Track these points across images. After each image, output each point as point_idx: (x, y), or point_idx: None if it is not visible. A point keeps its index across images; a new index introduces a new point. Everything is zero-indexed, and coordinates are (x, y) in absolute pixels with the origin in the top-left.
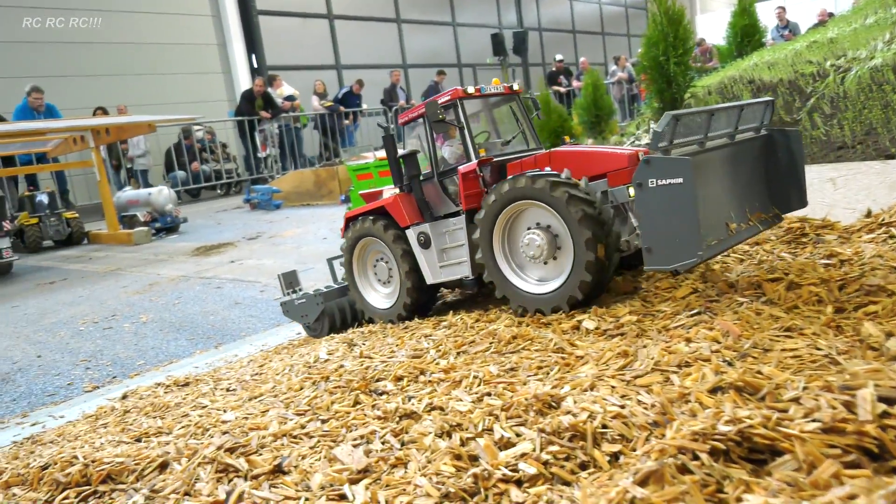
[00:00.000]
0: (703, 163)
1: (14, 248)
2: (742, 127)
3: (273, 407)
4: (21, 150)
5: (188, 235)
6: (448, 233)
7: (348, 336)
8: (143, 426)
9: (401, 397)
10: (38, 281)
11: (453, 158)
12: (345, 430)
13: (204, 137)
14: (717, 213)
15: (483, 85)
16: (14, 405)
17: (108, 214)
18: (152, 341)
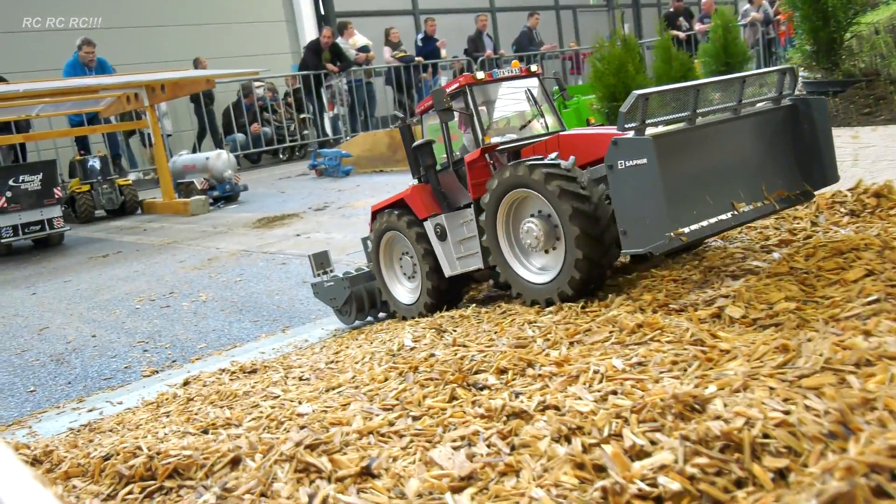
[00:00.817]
0: (687, 140)
1: (65, 217)
2: (753, 99)
3: (355, 400)
4: (71, 111)
5: (249, 205)
6: (465, 223)
7: (435, 321)
8: (209, 416)
9: (506, 393)
10: (91, 254)
11: (472, 145)
12: (441, 429)
13: (265, 95)
14: (714, 191)
15: (496, 70)
16: (69, 389)
17: (162, 181)
18: (213, 322)
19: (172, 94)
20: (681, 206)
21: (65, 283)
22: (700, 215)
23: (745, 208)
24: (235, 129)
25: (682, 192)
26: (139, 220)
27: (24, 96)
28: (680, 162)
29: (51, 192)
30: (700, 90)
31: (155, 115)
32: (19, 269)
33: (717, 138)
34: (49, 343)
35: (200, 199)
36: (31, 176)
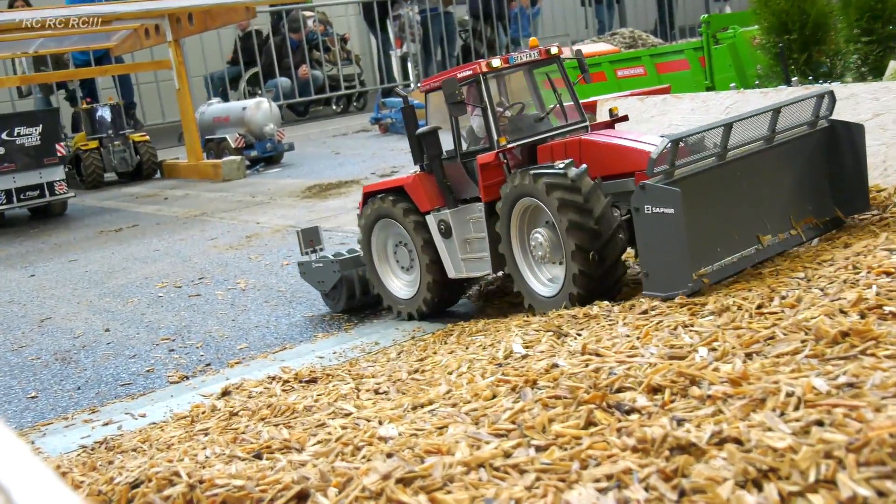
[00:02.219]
0: (716, 178)
1: (68, 181)
2: (788, 126)
3: (454, 422)
4: (76, 47)
5: (295, 169)
6: (472, 220)
7: (552, 321)
8: (261, 436)
9: (665, 419)
10: (101, 227)
11: (482, 132)
12: (577, 464)
13: (315, 29)
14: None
15: (513, 54)
16: (79, 395)
17: (188, 138)
18: (256, 317)
19: (203, 26)
20: (705, 246)
21: (69, 262)
22: (724, 252)
23: (770, 241)
24: (278, 71)
25: (707, 233)
26: (158, 185)
27: (24, 28)
28: (707, 203)
29: (52, 148)
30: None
31: (180, 54)
32: (13, 245)
33: (747, 170)
34: (52, 337)
35: (235, 161)
36: (28, 128)
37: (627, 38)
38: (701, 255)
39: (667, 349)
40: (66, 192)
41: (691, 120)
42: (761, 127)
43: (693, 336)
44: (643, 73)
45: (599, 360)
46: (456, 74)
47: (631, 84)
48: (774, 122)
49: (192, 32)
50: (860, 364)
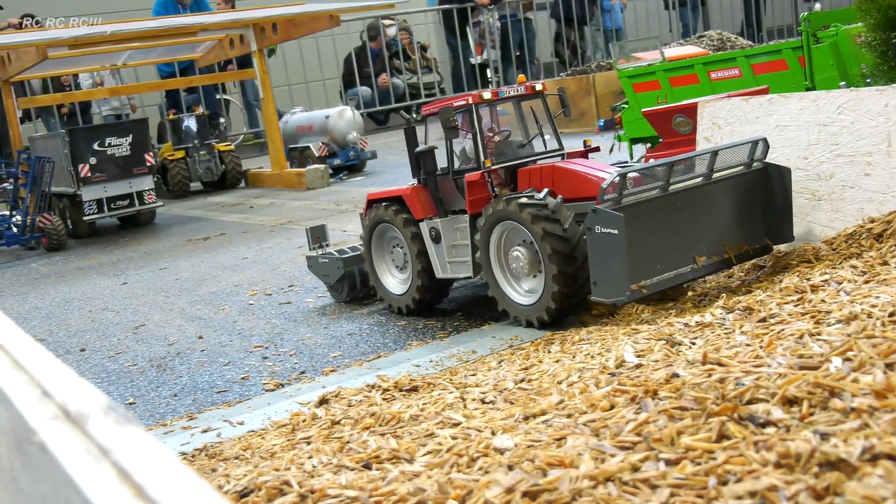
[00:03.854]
0: (659, 206)
1: (156, 190)
2: (724, 166)
3: (573, 433)
4: (163, 58)
5: (377, 177)
6: (458, 229)
7: (662, 330)
8: (368, 446)
9: (808, 433)
10: (189, 236)
11: (472, 153)
12: (714, 479)
13: (397, 37)
14: (679, 247)
15: (502, 88)
16: (176, 402)
17: (271, 147)
18: (348, 324)
19: (286, 35)
20: (646, 262)
21: (160, 270)
22: (662, 268)
23: (704, 262)
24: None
25: (648, 251)
26: (243, 194)
27: (110, 40)
28: (649, 225)
29: (142, 158)
30: (673, 166)
31: (264, 63)
32: (105, 254)
33: (687, 201)
34: (147, 344)
35: (319, 170)
36: (118, 139)
37: (716, 40)
38: (641, 270)
39: (796, 359)
40: (155, 201)
41: (799, 121)
42: (702, 165)
43: (823, 345)
44: (738, 75)
45: (723, 370)
46: (451, 104)
47: (726, 86)
48: (713, 162)
49: (276, 42)
50: None
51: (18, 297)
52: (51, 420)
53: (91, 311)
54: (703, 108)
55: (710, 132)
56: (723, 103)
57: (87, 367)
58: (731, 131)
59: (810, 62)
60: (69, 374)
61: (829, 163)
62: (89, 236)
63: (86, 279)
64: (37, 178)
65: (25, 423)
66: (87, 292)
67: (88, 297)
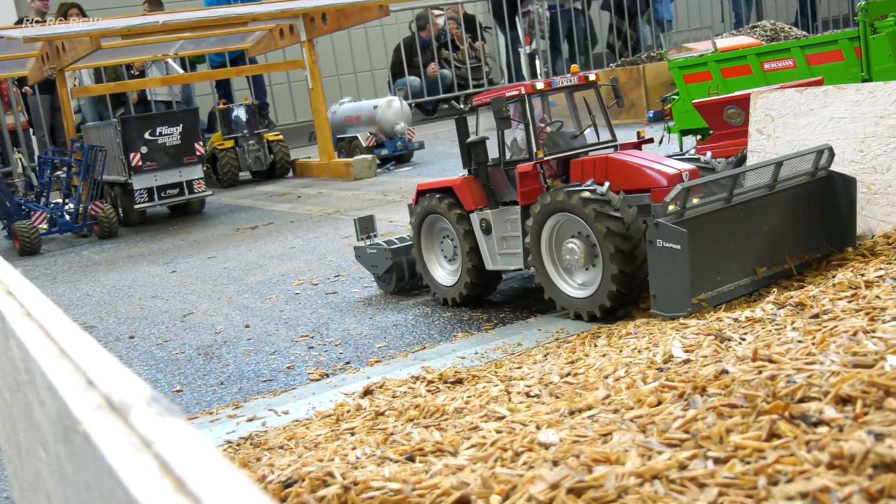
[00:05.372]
0: (721, 218)
1: (205, 179)
2: (789, 175)
3: (619, 429)
4: (214, 48)
5: (425, 167)
6: (510, 221)
7: (711, 325)
8: (412, 438)
9: (862, 433)
10: (238, 225)
11: (524, 144)
12: (764, 479)
13: (446, 27)
14: (739, 258)
15: (555, 78)
16: (222, 390)
17: (320, 137)
18: (393, 315)
19: (336, 25)
20: (706, 274)
21: (208, 259)
22: (723, 280)
23: (765, 272)
24: (407, 70)
25: (708, 263)
26: (291, 184)
27: (162, 30)
28: (711, 239)
29: (192, 148)
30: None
31: (313, 53)
32: (155, 242)
33: (750, 212)
34: (195, 332)
35: (366, 160)
36: (170, 128)
37: (769, 30)
38: (701, 283)
39: (850, 357)
40: (204, 190)
41: (856, 113)
42: (766, 175)
43: (878, 343)
44: (792, 66)
45: (774, 366)
46: (504, 93)
47: (779, 77)
48: (777, 172)
49: (325, 32)
50: None
51: (70, 284)
52: (95, 410)
53: (140, 299)
54: (756, 99)
55: (763, 124)
56: (776, 95)
57: (135, 354)
58: (785, 123)
59: (867, 53)
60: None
61: (885, 156)
62: (140, 224)
63: (136, 267)
64: (89, 167)
65: (70, 413)
66: (137, 280)
67: (138, 285)
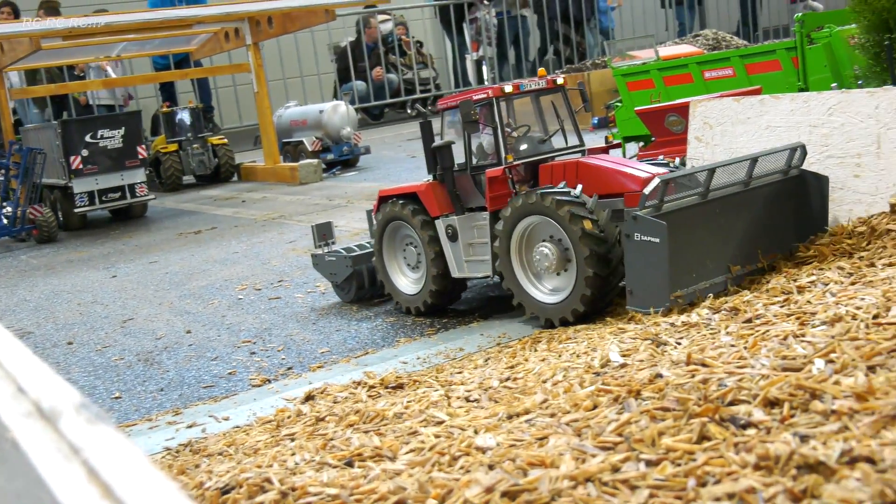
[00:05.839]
0: (697, 214)
1: (148, 183)
2: (763, 173)
3: (555, 433)
4: (158, 51)
5: (371, 172)
6: (476, 227)
7: (648, 330)
8: (351, 443)
9: (788, 435)
10: (180, 229)
11: (491, 149)
12: (693, 480)
13: (393, 32)
14: (714, 255)
15: (524, 81)
16: (162, 397)
17: (265, 141)
18: (336, 320)
19: (282, 28)
20: (682, 272)
21: (150, 264)
22: (698, 277)
23: (738, 271)
24: (353, 75)
25: (685, 259)
26: (236, 188)
27: (105, 31)
28: (688, 234)
29: (134, 151)
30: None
31: (259, 56)
32: (96, 246)
33: (724, 208)
34: (135, 338)
35: (312, 164)
36: (111, 131)
37: (711, 39)
38: (678, 280)
39: (779, 360)
40: (147, 194)
41: (790, 122)
42: (741, 172)
43: (806, 347)
44: (732, 75)
45: (707, 370)
46: (471, 96)
47: (719, 86)
48: (752, 169)
49: (271, 35)
50: None
51: (7, 289)
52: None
53: (80, 304)
54: (695, 107)
55: (702, 132)
56: (714, 103)
57: (73, 360)
58: (723, 131)
59: (804, 63)
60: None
61: (818, 164)
62: (80, 229)
63: (75, 272)
64: (28, 170)
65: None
66: (77, 285)
67: (78, 290)
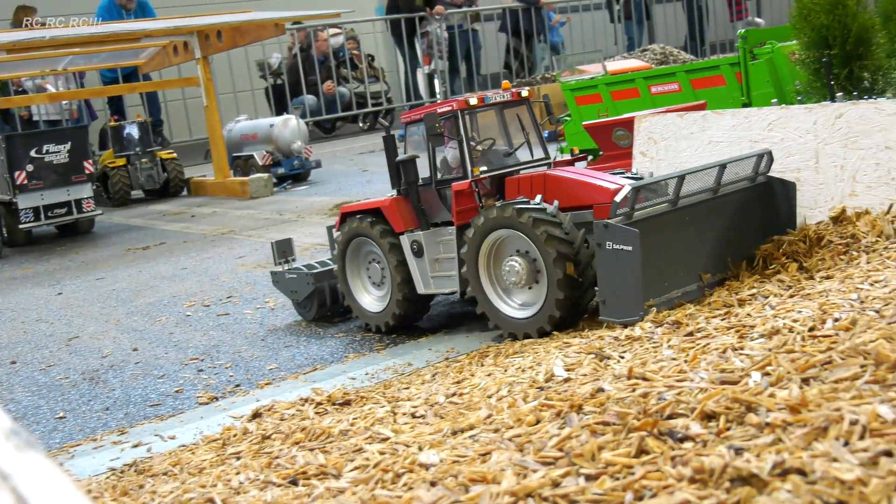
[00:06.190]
0: (668, 222)
1: (95, 198)
2: (731, 180)
3: (498, 448)
4: (105, 64)
5: (322, 186)
6: (442, 242)
7: (593, 344)
8: (296, 461)
9: (723, 448)
10: (128, 245)
11: (455, 163)
12: (631, 494)
13: (344, 46)
14: (685, 264)
15: (488, 94)
16: (108, 416)
17: (215, 155)
18: (285, 336)
19: (231, 42)
20: (655, 281)
21: (97, 280)
22: (670, 286)
23: (710, 279)
24: (305, 88)
25: (657, 269)
26: (186, 203)
27: (51, 45)
28: (659, 242)
29: (80, 166)
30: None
31: (208, 72)
32: (41, 263)
33: (694, 216)
34: (80, 357)
35: (263, 179)
36: (57, 146)
37: (658, 54)
38: (651, 289)
39: (718, 373)
40: (94, 209)
41: (732, 137)
42: (710, 179)
43: (744, 360)
44: (678, 90)
45: (647, 384)
46: (436, 109)
47: (665, 100)
48: (720, 175)
49: (220, 49)
50: None
51: None
52: None
53: (24, 323)
54: (640, 122)
55: (647, 146)
56: (658, 118)
57: (17, 380)
58: (667, 146)
59: (747, 78)
60: None
61: None
62: (25, 245)
63: (20, 289)
64: None
65: None
66: (21, 303)
67: (22, 308)
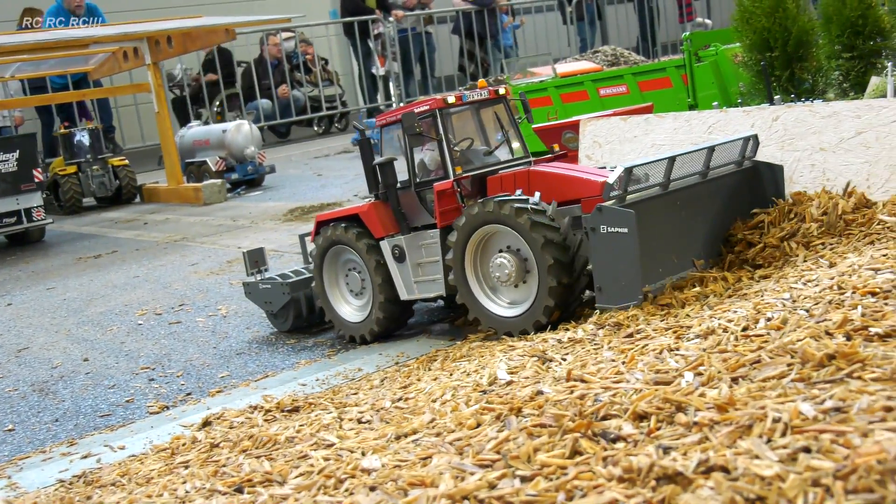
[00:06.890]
0: (660, 206)
1: (45, 206)
2: (719, 164)
3: (438, 452)
4: (54, 70)
5: (276, 191)
6: (424, 246)
7: (536, 346)
8: (242, 469)
9: (651, 447)
10: (80, 254)
11: (433, 164)
12: (563, 495)
13: (297, 50)
14: (679, 249)
15: (465, 91)
16: (57, 427)
17: (167, 161)
18: (237, 343)
19: (182, 48)
20: (650, 266)
21: (47, 290)
22: (665, 272)
23: (702, 265)
24: (259, 93)
25: (652, 254)
26: (138, 210)
27: None
28: (653, 227)
29: (29, 174)
30: (675, 160)
31: (159, 77)
32: None
33: (686, 200)
34: (30, 368)
35: (216, 185)
36: (4, 154)
37: (609, 55)
38: (647, 274)
39: (652, 374)
40: (44, 218)
41: (675, 139)
42: (698, 163)
43: (679, 360)
44: (626, 92)
45: (584, 386)
46: (414, 109)
47: (614, 102)
48: (709, 159)
49: (171, 55)
50: (847, 388)
51: None
52: None
53: None
54: (585, 126)
55: (592, 150)
56: (603, 122)
57: None
58: (612, 149)
59: (692, 80)
60: None
61: None
62: None
63: None
64: None
65: None
66: None
67: None
